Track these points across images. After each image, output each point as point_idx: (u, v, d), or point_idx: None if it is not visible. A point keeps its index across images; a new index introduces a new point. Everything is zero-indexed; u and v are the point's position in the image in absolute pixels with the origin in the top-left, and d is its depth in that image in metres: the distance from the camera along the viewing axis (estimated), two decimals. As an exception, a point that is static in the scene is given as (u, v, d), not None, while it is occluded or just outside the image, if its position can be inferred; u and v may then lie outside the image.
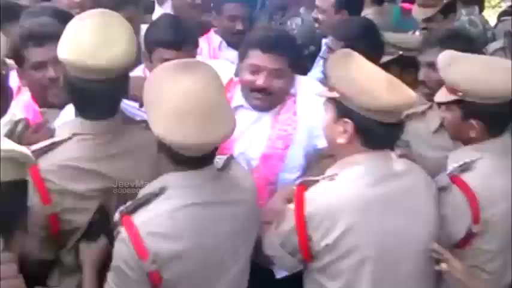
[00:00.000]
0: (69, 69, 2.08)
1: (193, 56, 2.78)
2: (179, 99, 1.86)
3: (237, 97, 2.66)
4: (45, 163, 2.08)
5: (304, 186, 2.09)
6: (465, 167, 2.28)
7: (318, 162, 2.58)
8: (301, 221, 2.05)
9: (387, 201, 2.07)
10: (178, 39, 2.73)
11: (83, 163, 2.11)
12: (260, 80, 2.53)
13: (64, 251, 2.17)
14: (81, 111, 2.17)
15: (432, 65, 2.79)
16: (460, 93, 2.29)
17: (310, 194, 2.07)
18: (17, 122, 2.34)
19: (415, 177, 2.19)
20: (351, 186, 2.06)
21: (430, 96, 2.85)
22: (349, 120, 2.07)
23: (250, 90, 2.56)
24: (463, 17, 4.53)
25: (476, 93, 2.26)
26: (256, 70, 2.54)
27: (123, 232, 1.90)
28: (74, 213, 2.11)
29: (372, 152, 2.10)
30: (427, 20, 4.13)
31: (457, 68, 2.32)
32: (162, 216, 1.91)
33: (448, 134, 2.51)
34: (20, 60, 2.52)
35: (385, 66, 3.24)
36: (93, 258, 2.08)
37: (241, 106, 2.64)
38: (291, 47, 2.61)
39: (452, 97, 2.33)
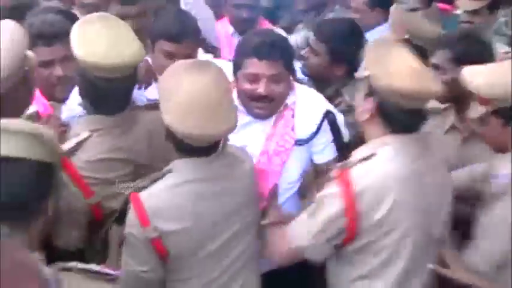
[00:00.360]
0: (89, 70, 2.26)
1: (194, 49, 2.86)
2: (187, 95, 2.07)
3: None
4: (78, 162, 2.30)
5: (345, 169, 2.16)
6: None
7: (313, 180, 2.63)
8: (351, 200, 2.10)
9: (421, 177, 2.19)
10: (179, 32, 2.79)
11: (109, 154, 2.34)
12: (261, 88, 2.50)
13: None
14: (99, 108, 2.37)
15: (437, 68, 2.74)
16: (496, 102, 2.23)
17: (355, 174, 2.14)
18: (30, 116, 2.37)
19: (437, 155, 2.32)
20: (390, 164, 2.16)
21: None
22: (372, 100, 2.17)
23: (250, 99, 2.53)
24: (501, 18, 4.38)
25: None
26: (255, 79, 2.51)
27: (130, 205, 2.13)
28: (112, 199, 2.33)
29: (397, 135, 2.18)
30: (474, 12, 4.01)
31: (486, 78, 2.26)
32: (165, 191, 2.12)
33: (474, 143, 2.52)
34: None
35: None
36: (121, 240, 2.25)
37: None
38: (285, 50, 2.59)
39: (488, 108, 2.26)
